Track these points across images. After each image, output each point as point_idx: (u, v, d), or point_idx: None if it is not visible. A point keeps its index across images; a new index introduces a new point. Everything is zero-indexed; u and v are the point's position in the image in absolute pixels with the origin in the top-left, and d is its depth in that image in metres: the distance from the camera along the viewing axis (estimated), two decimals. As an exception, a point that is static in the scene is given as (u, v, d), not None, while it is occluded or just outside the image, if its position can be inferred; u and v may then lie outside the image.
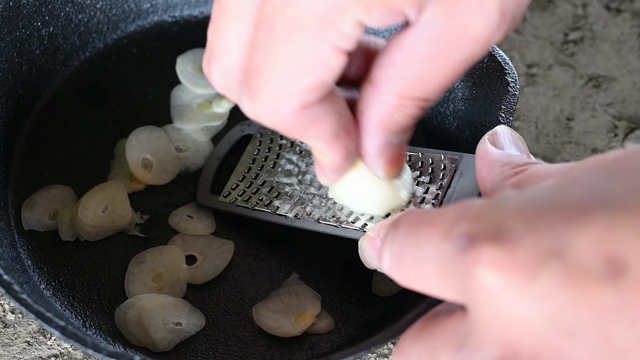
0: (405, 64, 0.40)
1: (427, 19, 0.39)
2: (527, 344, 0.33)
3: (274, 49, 0.40)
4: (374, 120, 0.43)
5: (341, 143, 0.43)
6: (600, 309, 0.31)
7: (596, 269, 0.31)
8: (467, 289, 0.34)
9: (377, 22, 0.39)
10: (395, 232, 0.37)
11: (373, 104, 0.42)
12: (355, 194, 0.49)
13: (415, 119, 0.43)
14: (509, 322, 0.33)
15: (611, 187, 0.32)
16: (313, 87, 0.40)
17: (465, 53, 0.40)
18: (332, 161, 0.44)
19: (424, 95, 0.41)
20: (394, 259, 0.37)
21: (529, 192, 0.34)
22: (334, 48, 0.39)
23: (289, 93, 0.40)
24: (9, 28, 0.57)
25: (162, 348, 0.51)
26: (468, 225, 0.34)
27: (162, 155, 0.58)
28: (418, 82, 0.41)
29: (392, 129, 0.43)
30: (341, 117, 0.42)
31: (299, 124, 0.42)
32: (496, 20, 0.39)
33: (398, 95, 0.41)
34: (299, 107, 0.41)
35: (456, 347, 0.36)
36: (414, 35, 0.39)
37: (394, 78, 0.41)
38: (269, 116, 0.42)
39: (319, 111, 0.41)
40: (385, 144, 0.44)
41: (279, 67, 0.40)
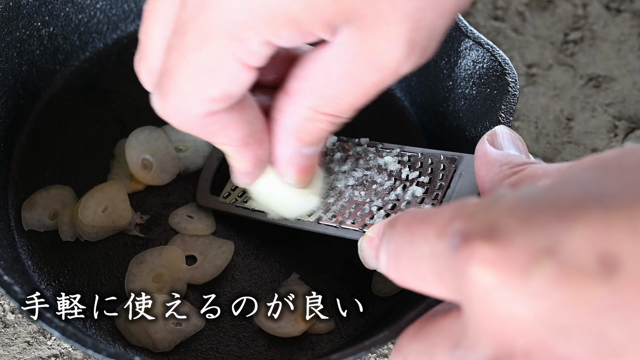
0: (319, 80, 0.42)
1: (340, 41, 0.40)
2: (521, 342, 0.33)
3: (184, 55, 0.41)
4: (286, 129, 0.44)
5: (250, 151, 0.44)
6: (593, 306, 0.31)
7: (589, 266, 0.31)
8: (461, 287, 0.34)
9: (286, 42, 0.40)
10: (391, 231, 0.37)
11: (286, 114, 0.44)
12: (266, 197, 0.51)
13: (326, 133, 0.44)
14: (503, 320, 0.33)
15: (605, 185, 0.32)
16: (218, 97, 0.41)
17: (375, 78, 0.41)
18: (241, 167, 0.46)
19: (335, 112, 0.42)
20: (390, 258, 0.37)
21: (524, 190, 0.34)
22: (241, 63, 0.40)
23: (194, 99, 0.42)
24: (9, 28, 0.57)
25: (162, 348, 0.51)
26: (462, 223, 0.34)
27: (161, 155, 0.58)
28: (330, 99, 0.42)
29: (303, 140, 0.44)
30: (251, 126, 0.43)
31: (205, 130, 0.43)
32: (404, 51, 0.40)
33: (310, 109, 0.43)
34: (204, 113, 0.42)
35: (452, 346, 0.36)
36: (328, 54, 0.41)
37: (307, 92, 0.42)
38: (176, 118, 0.43)
39: (226, 119, 0.43)
40: (296, 153, 0.45)
41: (187, 73, 0.41)
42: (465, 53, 0.54)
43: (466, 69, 0.54)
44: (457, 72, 0.55)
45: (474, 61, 0.54)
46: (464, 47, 0.54)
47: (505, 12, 0.69)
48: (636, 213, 0.30)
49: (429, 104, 0.59)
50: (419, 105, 0.60)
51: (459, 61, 0.55)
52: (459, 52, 0.55)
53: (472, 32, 0.54)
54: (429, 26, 0.40)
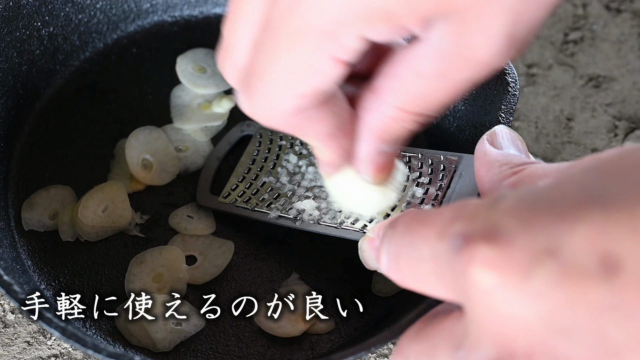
0: (409, 78, 0.40)
1: (434, 37, 0.38)
2: (522, 343, 0.33)
3: (275, 54, 0.40)
4: (370, 127, 0.43)
5: (337, 143, 0.44)
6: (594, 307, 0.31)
7: (590, 267, 0.31)
8: (462, 288, 0.34)
9: (380, 36, 0.38)
10: (392, 232, 0.37)
11: (371, 112, 0.42)
12: (344, 193, 0.49)
13: (411, 133, 0.43)
14: (504, 321, 0.33)
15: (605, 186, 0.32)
16: (308, 93, 0.41)
17: (469, 74, 0.39)
18: (328, 158, 0.45)
19: (423, 110, 0.41)
20: (391, 259, 0.37)
21: (524, 191, 0.34)
22: (333, 59, 0.39)
23: (283, 97, 0.41)
24: (9, 28, 0.57)
25: (162, 348, 0.51)
26: (463, 225, 0.34)
27: (161, 155, 0.58)
28: (419, 97, 0.40)
29: (386, 139, 0.43)
30: (338, 119, 0.43)
31: (293, 125, 0.42)
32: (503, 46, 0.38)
33: (397, 108, 0.41)
34: (293, 110, 0.41)
35: (453, 347, 0.36)
36: (420, 51, 0.39)
37: (395, 90, 0.41)
38: (264, 116, 0.43)
39: (314, 114, 0.42)
40: (377, 151, 0.44)
41: (277, 72, 0.40)
42: (465, 53, 0.54)
43: (466, 69, 0.54)
44: (457, 72, 0.55)
45: (474, 61, 0.54)
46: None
47: (505, 12, 0.69)
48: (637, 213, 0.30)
49: (429, 104, 0.59)
50: (419, 105, 0.60)
51: (459, 61, 0.55)
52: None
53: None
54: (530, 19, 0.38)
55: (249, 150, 0.58)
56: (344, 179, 0.48)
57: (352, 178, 0.47)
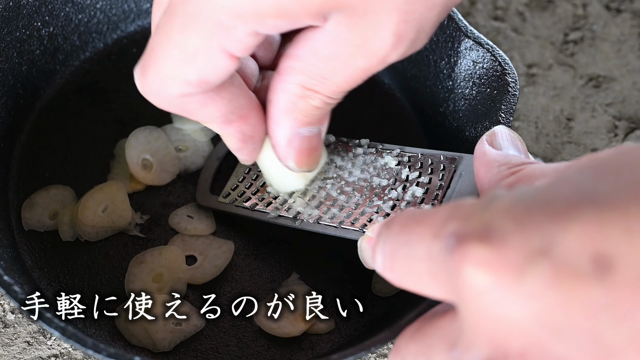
0: (309, 60, 0.43)
1: (331, 26, 0.41)
2: (516, 343, 0.33)
3: (168, 36, 0.42)
4: (280, 108, 0.45)
5: (233, 127, 0.45)
6: (588, 307, 0.31)
7: (584, 266, 0.31)
8: (456, 288, 0.34)
9: (274, 30, 0.41)
10: (388, 231, 0.37)
11: (278, 92, 0.45)
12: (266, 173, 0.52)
13: (320, 112, 0.45)
14: (498, 321, 0.33)
15: (599, 185, 0.32)
16: (194, 81, 0.42)
17: (363, 63, 0.42)
18: (229, 143, 0.47)
19: (325, 92, 0.43)
20: (386, 258, 0.37)
21: (519, 191, 0.34)
22: (223, 51, 0.41)
23: (172, 79, 0.43)
24: (9, 28, 0.57)
25: (162, 348, 0.51)
26: (457, 224, 0.34)
27: (161, 155, 0.58)
28: (319, 79, 0.43)
29: (298, 118, 0.45)
30: (231, 103, 0.44)
31: (182, 108, 0.44)
32: (391, 42, 0.41)
33: (300, 86, 0.44)
34: (180, 94, 0.43)
35: (448, 347, 0.36)
36: (318, 36, 0.42)
37: (297, 70, 0.43)
38: (154, 96, 0.45)
39: (203, 99, 0.44)
40: (294, 134, 0.46)
41: (169, 53, 0.42)
42: (465, 53, 0.54)
43: (466, 69, 0.54)
44: (457, 72, 0.55)
45: (474, 61, 0.54)
46: (464, 47, 0.54)
47: (505, 12, 0.69)
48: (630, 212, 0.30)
49: (429, 104, 0.59)
50: (419, 105, 0.60)
51: (459, 61, 0.55)
52: (459, 52, 0.55)
53: (472, 32, 0.54)
54: (418, 19, 0.41)
55: (249, 150, 0.58)
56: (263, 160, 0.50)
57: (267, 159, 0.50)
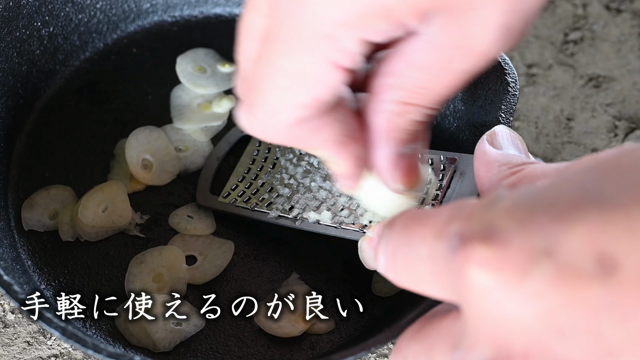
0: (407, 72, 0.40)
1: (431, 31, 0.38)
2: (519, 344, 0.33)
3: (272, 63, 0.39)
4: (379, 129, 0.42)
5: (347, 150, 0.42)
6: (591, 307, 0.31)
7: (587, 267, 0.31)
8: (459, 288, 0.34)
9: (380, 36, 0.38)
10: (390, 231, 0.37)
11: (376, 113, 0.42)
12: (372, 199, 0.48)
13: (420, 125, 0.42)
14: (501, 321, 0.33)
15: (602, 186, 0.32)
16: (309, 103, 0.40)
17: (467, 65, 0.39)
18: (342, 169, 0.44)
19: (424, 103, 0.41)
20: (388, 259, 0.37)
21: (521, 191, 0.34)
22: (333, 64, 0.38)
23: (283, 108, 0.40)
24: (9, 28, 0.57)
25: (162, 348, 0.51)
26: (460, 225, 0.34)
27: (161, 155, 0.58)
28: (418, 90, 0.40)
29: (398, 137, 0.42)
30: (344, 126, 0.42)
31: (297, 138, 0.41)
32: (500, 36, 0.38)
33: (399, 103, 0.41)
34: (295, 122, 0.40)
35: (451, 347, 0.36)
36: (415, 45, 0.39)
37: (394, 86, 0.40)
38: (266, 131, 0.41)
39: (317, 123, 0.41)
40: (397, 155, 0.43)
41: (275, 82, 0.39)
42: (465, 53, 0.54)
43: (466, 69, 0.54)
44: (457, 72, 0.55)
45: (474, 61, 0.54)
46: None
47: (505, 12, 0.69)
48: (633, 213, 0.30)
49: (429, 104, 0.59)
50: (419, 105, 0.60)
51: (459, 61, 0.55)
52: (459, 52, 0.55)
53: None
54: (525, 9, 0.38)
55: (248, 150, 0.58)
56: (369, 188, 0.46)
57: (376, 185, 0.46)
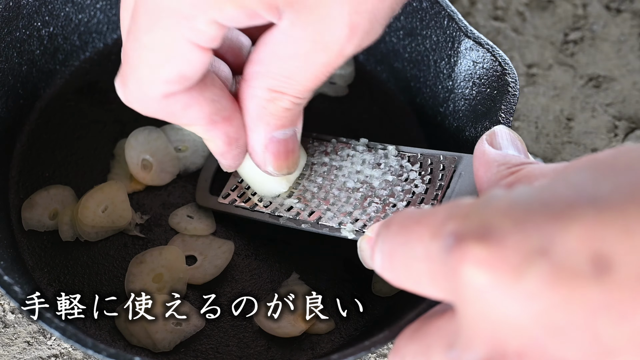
0: (271, 62, 0.43)
1: (286, 24, 0.41)
2: (514, 343, 0.33)
3: (137, 37, 0.42)
4: (251, 114, 0.45)
5: (219, 129, 0.45)
6: (587, 306, 0.31)
7: (582, 266, 0.31)
8: (455, 287, 0.34)
9: (233, 21, 0.41)
10: (386, 231, 0.37)
11: (247, 99, 0.45)
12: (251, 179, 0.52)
13: (291, 113, 0.45)
14: (496, 321, 0.33)
15: (598, 186, 0.32)
16: (173, 78, 0.42)
17: (323, 59, 0.42)
18: (214, 147, 0.47)
19: (292, 92, 0.44)
20: (385, 258, 0.37)
21: (517, 191, 0.34)
22: (192, 44, 0.41)
23: (151, 82, 0.43)
24: (9, 28, 0.57)
25: (162, 348, 0.51)
26: (455, 224, 0.34)
27: (161, 155, 0.58)
28: (283, 80, 0.43)
29: (270, 122, 0.45)
30: (215, 104, 0.44)
31: (166, 112, 0.44)
32: (345, 34, 0.41)
33: (267, 89, 0.44)
34: (162, 95, 0.43)
35: (447, 347, 0.36)
36: (276, 36, 0.42)
37: (261, 74, 0.43)
38: (137, 103, 0.44)
39: (186, 99, 0.43)
40: (269, 139, 0.46)
41: (142, 56, 0.42)
42: (465, 53, 0.54)
43: (466, 69, 0.54)
44: (457, 72, 0.55)
45: (474, 61, 0.54)
46: (464, 47, 0.54)
47: (505, 12, 0.69)
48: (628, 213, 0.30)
49: (429, 104, 0.59)
50: (419, 105, 0.60)
51: (459, 61, 0.55)
52: (459, 52, 0.55)
53: (472, 32, 0.54)
54: (370, 10, 0.41)
55: (249, 150, 0.58)
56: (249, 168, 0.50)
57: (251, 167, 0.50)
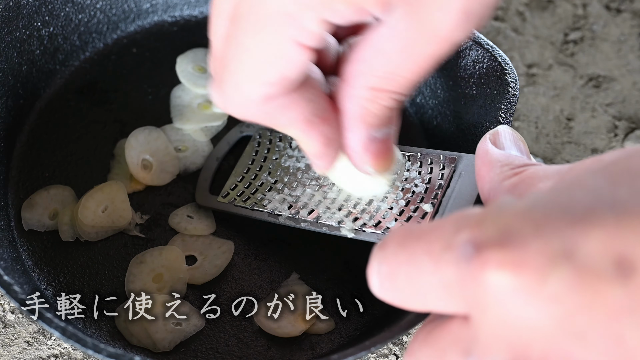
0: (374, 59, 0.42)
1: (394, 18, 0.40)
2: (537, 348, 0.32)
3: (240, 42, 0.41)
4: (351, 114, 0.44)
5: (316, 129, 0.44)
6: (611, 310, 0.30)
7: (606, 270, 0.30)
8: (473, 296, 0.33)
9: (341, 19, 0.40)
10: (383, 252, 0.36)
11: (347, 99, 0.44)
12: (344, 181, 0.50)
13: (392, 112, 0.44)
14: (519, 326, 0.32)
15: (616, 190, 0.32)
16: (275, 80, 0.42)
17: (432, 50, 0.41)
18: (311, 148, 0.46)
19: (394, 88, 0.42)
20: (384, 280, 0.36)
21: (532, 196, 0.34)
22: (297, 44, 0.40)
23: (251, 85, 0.42)
24: (9, 28, 0.57)
25: (162, 348, 0.51)
26: (470, 233, 0.33)
27: (161, 155, 0.58)
28: (387, 76, 0.42)
29: (370, 122, 0.44)
30: (313, 105, 0.44)
31: (266, 115, 0.43)
32: (460, 20, 0.40)
33: (369, 88, 0.43)
34: (262, 98, 0.42)
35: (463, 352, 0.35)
36: (382, 33, 0.41)
37: (363, 72, 0.42)
38: (235, 107, 0.44)
39: (285, 101, 0.43)
40: (368, 139, 0.45)
41: (243, 60, 0.42)
42: (465, 53, 0.54)
43: (466, 69, 0.55)
44: (457, 72, 0.55)
45: (474, 61, 0.54)
46: (464, 47, 0.54)
47: (505, 12, 0.69)
48: None
49: (429, 104, 0.59)
50: (419, 105, 0.60)
51: (459, 61, 0.55)
52: (459, 52, 0.55)
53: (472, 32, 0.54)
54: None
55: (248, 150, 0.58)
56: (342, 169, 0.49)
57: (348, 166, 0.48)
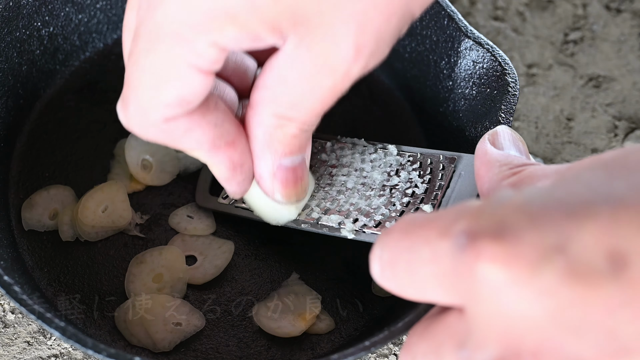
0: (277, 87, 0.41)
1: (290, 47, 0.40)
2: (530, 342, 0.33)
3: (137, 60, 0.41)
4: (258, 141, 0.44)
5: (222, 154, 0.44)
6: (603, 304, 0.31)
7: (599, 263, 0.31)
8: (467, 286, 0.33)
9: (235, 44, 0.39)
10: (387, 238, 0.37)
11: (254, 126, 0.43)
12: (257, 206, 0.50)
13: (299, 140, 0.43)
14: (511, 319, 0.33)
15: (612, 184, 0.32)
16: (172, 102, 0.41)
17: (329, 82, 0.41)
18: (218, 173, 0.45)
19: (299, 118, 0.42)
20: (385, 267, 0.37)
21: (529, 190, 0.34)
22: (192, 67, 0.40)
23: (151, 105, 0.41)
24: (9, 28, 0.57)
25: (162, 348, 0.51)
26: (467, 222, 0.34)
27: (161, 155, 0.58)
28: (290, 105, 0.42)
29: (277, 150, 0.44)
30: (217, 128, 0.43)
31: (167, 136, 0.42)
32: (351, 55, 0.40)
33: (274, 115, 0.42)
34: (162, 119, 0.41)
35: (458, 345, 0.36)
36: (281, 60, 0.40)
37: (268, 100, 0.42)
38: (138, 127, 0.43)
39: (187, 123, 0.42)
40: (276, 166, 0.44)
41: (142, 78, 0.41)
42: (465, 53, 0.54)
43: (466, 69, 0.55)
44: (457, 72, 0.55)
45: (474, 61, 0.54)
46: (464, 47, 0.54)
47: (505, 12, 0.69)
48: None
49: (429, 104, 0.59)
50: (419, 105, 0.60)
51: (459, 61, 0.55)
52: (459, 52, 0.55)
53: (472, 32, 0.54)
54: (376, 29, 0.40)
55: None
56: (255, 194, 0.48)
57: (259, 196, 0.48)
